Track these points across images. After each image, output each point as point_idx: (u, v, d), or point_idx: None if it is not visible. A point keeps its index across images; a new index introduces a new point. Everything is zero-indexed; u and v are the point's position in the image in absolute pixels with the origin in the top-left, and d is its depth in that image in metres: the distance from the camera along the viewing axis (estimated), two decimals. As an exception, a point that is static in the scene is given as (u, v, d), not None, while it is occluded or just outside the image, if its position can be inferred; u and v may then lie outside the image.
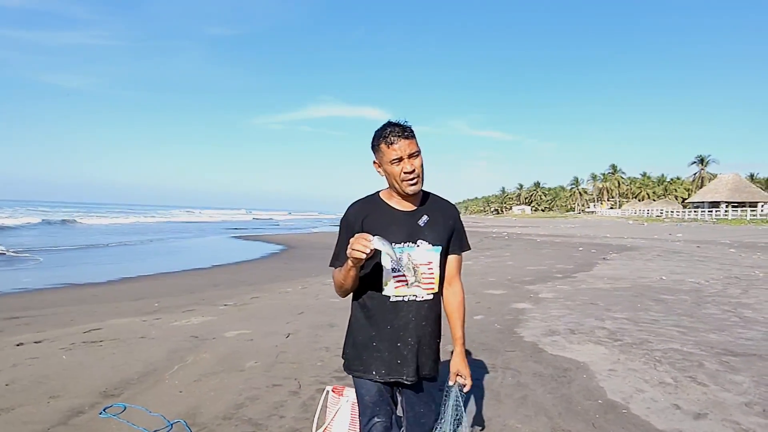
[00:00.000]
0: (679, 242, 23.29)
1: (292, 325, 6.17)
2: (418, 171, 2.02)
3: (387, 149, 1.99)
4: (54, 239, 21.84)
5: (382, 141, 2.01)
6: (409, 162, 2.00)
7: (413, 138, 2.02)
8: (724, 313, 6.95)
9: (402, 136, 1.99)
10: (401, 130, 2.00)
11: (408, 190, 2.02)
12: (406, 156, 1.99)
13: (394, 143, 1.98)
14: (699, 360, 4.74)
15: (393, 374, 2.08)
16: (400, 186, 2.03)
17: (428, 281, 2.09)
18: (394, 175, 2.01)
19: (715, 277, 10.79)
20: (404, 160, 1.99)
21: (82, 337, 5.52)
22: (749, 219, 47.66)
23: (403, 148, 1.98)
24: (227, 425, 3.32)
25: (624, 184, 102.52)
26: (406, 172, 1.99)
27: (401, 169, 1.99)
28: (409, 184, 2.01)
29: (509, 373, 4.41)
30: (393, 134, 1.99)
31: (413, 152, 2.00)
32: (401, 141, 1.98)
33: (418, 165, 2.02)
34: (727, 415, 3.50)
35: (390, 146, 1.99)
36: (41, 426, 3.26)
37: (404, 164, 1.99)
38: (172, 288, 9.56)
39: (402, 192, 2.05)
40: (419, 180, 2.04)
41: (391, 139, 1.98)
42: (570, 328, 6.10)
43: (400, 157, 1.98)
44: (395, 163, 1.99)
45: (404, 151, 1.98)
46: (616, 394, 3.92)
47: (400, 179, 2.01)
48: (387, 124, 2.04)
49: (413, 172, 2.00)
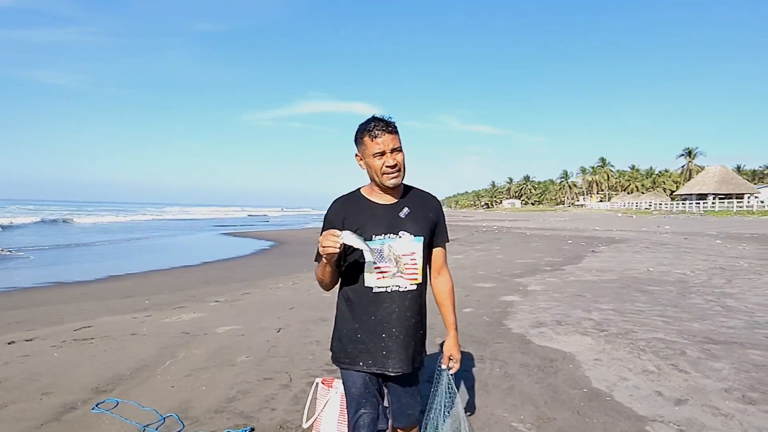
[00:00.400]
0: (667, 234, 23.56)
1: (283, 320, 6.22)
2: (400, 165, 2.08)
3: (371, 142, 2.05)
4: (46, 238, 21.70)
5: (366, 134, 2.06)
6: (392, 156, 2.05)
7: (396, 134, 2.08)
8: (708, 303, 7.09)
9: (386, 130, 2.05)
10: (385, 125, 2.06)
11: (388, 183, 2.08)
12: (389, 150, 2.05)
13: (378, 137, 2.04)
14: (681, 348, 4.86)
15: (378, 366, 2.12)
16: (380, 179, 2.08)
17: (411, 272, 2.12)
18: (375, 168, 2.07)
19: (701, 268, 10.96)
20: (387, 155, 2.05)
21: (73, 334, 5.53)
22: (736, 210, 48.28)
23: (386, 142, 2.04)
24: (219, 418, 3.36)
25: (613, 177, 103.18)
26: (388, 166, 2.05)
27: (383, 162, 2.05)
28: (389, 177, 2.07)
29: (497, 364, 4.49)
30: (377, 128, 2.04)
31: (396, 147, 2.06)
32: (385, 135, 2.04)
33: (401, 160, 2.08)
34: (707, 400, 3.61)
35: (374, 140, 2.04)
36: (34, 422, 3.28)
37: (387, 158, 2.05)
38: (162, 285, 9.56)
39: (382, 185, 2.10)
40: (400, 174, 2.10)
41: (375, 133, 2.04)
42: (557, 319, 6.19)
43: (383, 151, 2.04)
44: (378, 156, 2.05)
45: (387, 146, 2.04)
46: (601, 382, 4.01)
47: (381, 172, 2.06)
48: (371, 119, 2.09)
49: (395, 167, 2.06)
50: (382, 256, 2.08)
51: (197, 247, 20.73)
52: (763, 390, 3.78)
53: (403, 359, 2.13)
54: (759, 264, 11.66)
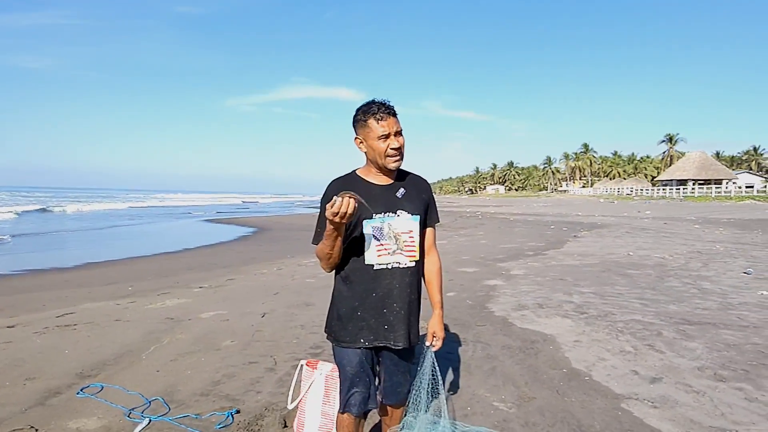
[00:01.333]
0: (647, 219, 23.95)
1: (268, 305, 6.24)
2: (402, 148, 2.14)
3: (376, 125, 2.09)
4: (26, 225, 21.34)
5: (371, 117, 2.10)
6: (396, 139, 2.11)
7: (397, 115, 2.13)
8: (684, 286, 7.26)
9: (390, 113, 2.11)
10: (389, 108, 2.11)
11: (391, 165, 2.14)
12: (394, 133, 2.10)
13: (384, 119, 2.09)
14: (658, 329, 4.99)
15: (380, 339, 2.19)
16: (384, 161, 2.13)
17: (410, 249, 2.20)
18: (379, 151, 2.11)
19: (679, 252, 11.19)
20: (391, 137, 2.10)
21: (55, 321, 5.49)
22: (714, 196, 49.12)
23: (391, 124, 2.09)
24: (205, 401, 3.39)
25: (596, 163, 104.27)
26: (392, 148, 2.10)
27: (388, 145, 2.10)
28: (393, 160, 2.13)
29: (479, 346, 4.58)
30: (382, 111, 2.09)
31: (399, 130, 2.12)
32: (390, 118, 2.10)
33: (403, 143, 2.14)
34: (680, 378, 3.73)
35: (379, 122, 2.09)
36: (18, 407, 3.28)
37: (391, 141, 2.10)
38: (145, 272, 9.50)
39: (384, 167, 2.15)
40: (402, 157, 2.16)
41: (381, 116, 2.09)
42: (539, 302, 6.31)
43: (388, 134, 2.09)
44: (382, 139, 2.10)
45: (392, 128, 2.10)
46: (580, 363, 4.12)
47: (385, 155, 2.11)
48: (372, 102, 2.14)
49: (399, 149, 2.12)
50: (382, 233, 2.14)
51: (179, 233, 20.55)
52: (734, 368, 3.92)
53: (405, 333, 2.20)
54: (734, 248, 11.94)
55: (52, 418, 3.13)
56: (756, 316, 5.50)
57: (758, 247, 12.19)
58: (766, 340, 4.61)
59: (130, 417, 3.13)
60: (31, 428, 2.98)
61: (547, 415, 3.17)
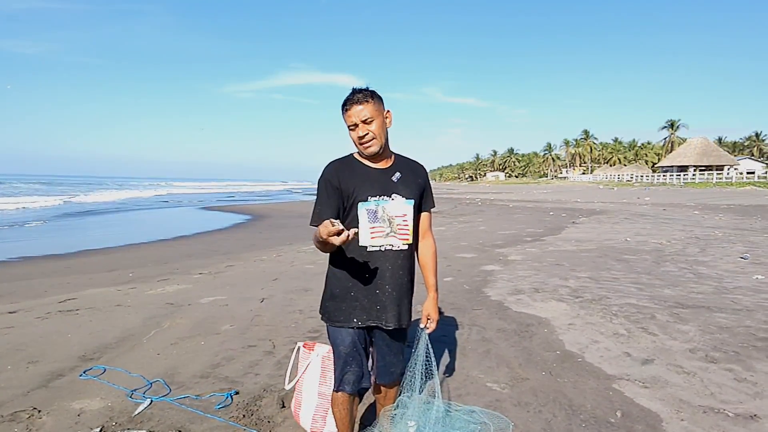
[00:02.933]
0: (647, 206, 23.99)
1: (267, 291, 6.31)
2: (372, 134, 2.16)
3: (344, 116, 2.18)
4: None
5: (342, 109, 2.18)
6: (363, 128, 2.15)
7: (368, 102, 2.15)
8: (681, 271, 7.32)
9: (356, 102, 2.14)
10: (357, 97, 2.14)
11: (366, 152, 2.20)
12: (360, 121, 2.14)
13: (349, 110, 2.15)
14: (652, 313, 5.05)
15: (372, 319, 2.25)
16: (360, 149, 2.21)
17: (403, 232, 2.25)
18: (354, 140, 2.20)
19: (677, 238, 11.24)
20: (359, 126, 2.15)
21: (57, 306, 5.56)
22: (715, 182, 49.06)
23: (356, 114, 2.14)
24: (205, 383, 3.46)
25: (596, 149, 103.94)
26: (359, 137, 2.16)
27: (356, 135, 2.17)
28: (365, 147, 2.18)
29: (475, 330, 4.64)
30: (349, 102, 2.15)
31: (367, 118, 2.14)
32: (354, 107, 2.14)
33: (374, 129, 2.17)
34: (672, 360, 3.79)
35: (346, 113, 2.16)
36: (21, 390, 3.35)
37: (358, 130, 2.16)
38: (145, 259, 9.56)
39: (363, 154, 2.22)
40: (376, 142, 2.18)
41: (347, 107, 2.15)
42: (535, 287, 6.37)
43: (354, 123, 2.15)
44: (352, 129, 2.17)
45: (357, 117, 2.14)
46: (574, 345, 4.18)
47: (358, 144, 2.19)
48: (350, 92, 2.18)
49: (366, 137, 2.16)
50: (376, 216, 2.19)
51: (177, 222, 20.59)
52: (725, 350, 3.98)
53: (396, 314, 2.26)
54: (733, 233, 11.99)
55: (55, 399, 3.20)
56: (750, 299, 5.56)
57: (756, 232, 12.23)
58: (758, 323, 4.67)
59: (132, 398, 3.20)
60: (34, 410, 3.04)
61: (540, 396, 3.24)
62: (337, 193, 2.20)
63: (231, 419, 2.92)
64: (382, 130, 2.19)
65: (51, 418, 2.95)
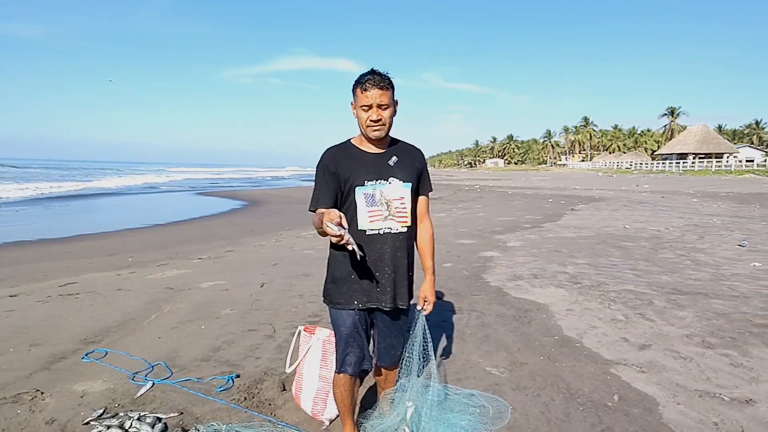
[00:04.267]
0: (645, 193, 24.00)
1: (267, 276, 6.33)
2: (384, 121, 2.17)
3: (360, 94, 2.15)
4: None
5: (359, 86, 2.16)
6: (377, 112, 2.15)
7: (388, 90, 2.16)
8: (678, 257, 7.35)
9: (377, 85, 2.13)
10: (379, 80, 2.14)
11: (371, 135, 2.20)
12: (376, 105, 2.14)
13: (368, 90, 2.13)
14: (649, 299, 5.09)
15: (372, 301, 2.28)
16: (365, 130, 2.20)
17: (401, 215, 2.27)
18: (361, 119, 2.19)
19: (675, 225, 11.27)
20: (373, 109, 2.15)
21: (58, 290, 5.58)
22: (714, 170, 49.04)
23: (374, 97, 2.13)
24: (206, 366, 3.49)
25: (596, 136, 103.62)
26: (372, 120, 2.15)
27: (368, 116, 2.15)
28: (372, 130, 2.18)
29: (474, 315, 4.67)
30: (369, 82, 2.13)
31: (383, 104, 2.15)
32: (374, 90, 2.13)
33: (387, 116, 2.18)
34: (669, 345, 3.83)
35: (363, 92, 2.14)
36: (23, 372, 3.38)
37: (372, 112, 2.15)
38: (144, 243, 9.57)
39: (366, 135, 2.22)
40: (383, 129, 2.19)
41: (366, 86, 2.13)
42: (533, 273, 6.40)
43: (370, 105, 2.14)
44: (365, 109, 2.16)
45: (375, 100, 2.13)
46: (572, 330, 4.22)
47: (365, 125, 2.18)
48: (370, 72, 2.18)
49: (379, 122, 2.16)
50: (373, 200, 2.21)
51: (174, 207, 20.55)
52: (722, 336, 4.02)
53: (395, 296, 2.29)
54: (731, 221, 12.02)
55: (57, 381, 3.22)
56: (747, 286, 5.59)
57: (755, 220, 12.27)
58: (755, 309, 4.70)
59: (134, 380, 3.23)
60: (36, 391, 3.07)
61: (538, 380, 3.27)
62: (334, 178, 2.21)
63: (232, 402, 2.95)
64: (391, 119, 2.21)
65: (54, 399, 2.98)
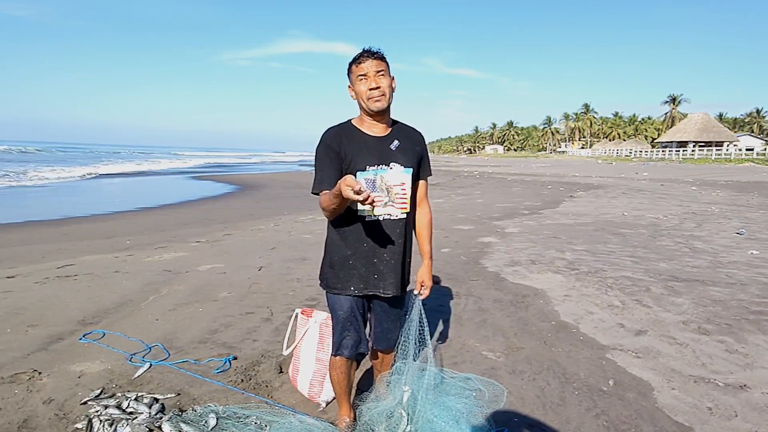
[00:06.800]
0: (645, 181, 23.97)
1: (265, 259, 6.33)
2: (383, 89, 2.13)
3: (355, 68, 2.13)
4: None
5: (353, 62, 2.15)
6: (375, 79, 2.11)
7: (382, 60, 2.14)
8: (677, 245, 7.36)
9: (370, 56, 2.12)
10: (372, 52, 2.13)
11: (373, 107, 2.14)
12: (372, 73, 2.11)
13: (363, 62, 2.11)
14: (647, 285, 5.10)
15: (370, 288, 2.26)
16: (366, 104, 2.15)
17: (401, 201, 2.22)
18: (361, 93, 2.14)
19: (674, 213, 11.28)
20: (369, 77, 2.11)
21: (55, 272, 5.58)
22: (714, 158, 48.92)
23: (369, 65, 2.11)
24: (203, 348, 3.50)
25: (596, 123, 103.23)
26: (371, 89, 2.11)
27: (367, 86, 2.11)
28: (374, 100, 2.13)
29: (471, 300, 4.68)
30: (362, 56, 2.13)
31: (379, 70, 2.12)
32: (368, 60, 2.11)
33: (385, 84, 2.13)
34: (665, 331, 3.84)
35: (358, 65, 2.12)
36: (21, 352, 3.38)
37: (369, 81, 2.11)
38: (142, 226, 9.56)
39: (368, 109, 2.16)
40: (384, 98, 2.14)
41: (360, 60, 2.12)
42: (531, 259, 6.40)
43: (365, 74, 2.11)
44: (361, 79, 2.12)
45: (370, 69, 2.11)
46: (569, 316, 4.23)
47: (366, 97, 2.13)
48: (361, 50, 2.16)
49: (378, 89, 2.12)
50: (374, 185, 2.17)
51: (172, 190, 20.49)
52: (718, 322, 4.03)
53: (394, 282, 2.27)
54: (730, 209, 12.03)
55: (55, 362, 3.23)
56: (744, 273, 5.61)
57: (753, 208, 12.28)
58: (751, 297, 4.72)
59: (131, 361, 3.24)
60: (34, 371, 3.07)
61: (534, 364, 3.28)
62: (338, 157, 2.17)
63: (229, 383, 2.96)
64: (390, 90, 2.17)
65: (51, 379, 2.99)
